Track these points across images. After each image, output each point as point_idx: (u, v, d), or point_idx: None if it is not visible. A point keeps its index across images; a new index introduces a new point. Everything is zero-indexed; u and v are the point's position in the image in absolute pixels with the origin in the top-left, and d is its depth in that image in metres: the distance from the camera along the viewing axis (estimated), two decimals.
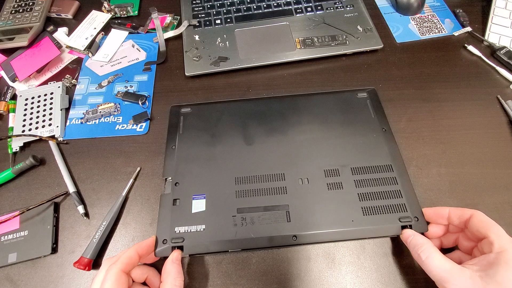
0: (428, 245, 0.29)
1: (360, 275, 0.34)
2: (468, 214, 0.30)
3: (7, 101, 0.48)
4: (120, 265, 0.29)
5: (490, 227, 0.28)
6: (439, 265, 0.28)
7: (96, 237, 0.35)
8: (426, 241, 0.30)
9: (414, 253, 0.30)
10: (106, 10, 0.57)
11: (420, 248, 0.29)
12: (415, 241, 0.30)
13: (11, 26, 0.53)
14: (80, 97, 0.48)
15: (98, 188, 0.40)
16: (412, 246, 0.31)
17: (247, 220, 0.35)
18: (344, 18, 0.53)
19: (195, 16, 0.55)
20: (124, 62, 0.52)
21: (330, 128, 0.41)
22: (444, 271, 0.27)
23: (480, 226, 0.29)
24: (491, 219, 0.29)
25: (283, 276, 0.34)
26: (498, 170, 0.39)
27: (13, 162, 0.43)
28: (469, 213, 0.30)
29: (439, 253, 0.29)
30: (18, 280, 0.35)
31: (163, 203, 0.36)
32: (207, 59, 0.49)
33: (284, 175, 0.38)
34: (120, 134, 0.44)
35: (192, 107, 0.44)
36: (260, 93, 0.47)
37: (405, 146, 0.41)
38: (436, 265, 0.28)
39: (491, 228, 0.28)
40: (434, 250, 0.29)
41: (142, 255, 0.32)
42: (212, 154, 0.40)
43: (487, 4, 0.54)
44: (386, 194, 0.36)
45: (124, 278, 0.29)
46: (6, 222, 0.37)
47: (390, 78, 0.48)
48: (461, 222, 0.31)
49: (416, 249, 0.30)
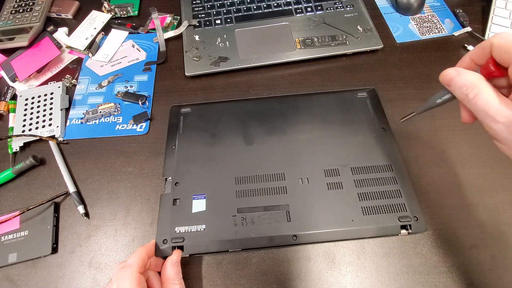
0: (479, 82, 0.24)
1: (360, 275, 0.34)
2: (488, 47, 0.24)
3: (7, 101, 0.48)
4: (136, 267, 0.29)
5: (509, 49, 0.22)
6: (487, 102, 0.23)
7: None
8: (477, 79, 0.24)
9: (461, 94, 0.25)
10: (106, 10, 0.57)
11: (470, 87, 0.24)
12: (463, 80, 0.25)
13: (11, 26, 0.53)
14: (80, 97, 0.48)
15: (98, 188, 0.40)
16: (458, 87, 0.25)
17: (247, 220, 0.35)
18: (344, 18, 0.53)
19: (195, 16, 0.55)
20: (124, 62, 0.52)
21: (330, 128, 0.41)
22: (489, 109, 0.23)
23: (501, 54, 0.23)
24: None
25: (283, 276, 0.34)
26: (498, 170, 0.39)
27: (13, 162, 0.43)
28: (488, 44, 0.24)
29: (490, 90, 0.23)
30: (18, 280, 0.35)
31: (163, 203, 0.36)
32: (207, 59, 0.49)
33: (284, 175, 0.38)
34: (120, 134, 0.44)
35: (192, 107, 0.44)
36: (260, 93, 0.47)
37: (405, 146, 0.41)
38: (484, 102, 0.23)
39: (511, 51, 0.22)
40: (484, 86, 0.23)
41: (150, 257, 0.32)
42: (212, 154, 0.40)
43: (487, 4, 0.54)
44: (386, 194, 0.36)
45: (143, 279, 0.29)
46: (6, 222, 0.37)
47: (390, 78, 0.48)
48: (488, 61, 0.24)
49: (463, 89, 0.24)
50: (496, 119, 0.23)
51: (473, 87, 0.24)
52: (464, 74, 0.25)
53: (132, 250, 0.36)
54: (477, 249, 0.35)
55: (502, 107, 0.22)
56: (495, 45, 0.23)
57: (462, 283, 0.33)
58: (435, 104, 0.30)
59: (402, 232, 0.34)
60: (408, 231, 0.34)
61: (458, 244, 0.35)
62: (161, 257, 0.34)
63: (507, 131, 0.22)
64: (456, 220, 0.36)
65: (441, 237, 0.35)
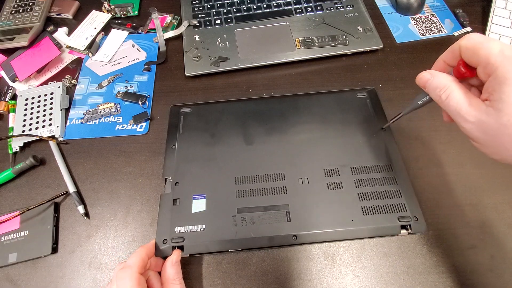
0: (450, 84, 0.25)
1: (360, 275, 0.34)
2: (457, 49, 0.25)
3: (7, 101, 0.48)
4: (136, 268, 0.29)
5: (478, 50, 0.23)
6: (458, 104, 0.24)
7: None
8: (448, 81, 0.26)
9: (435, 96, 0.26)
10: (106, 10, 0.57)
11: (442, 89, 0.25)
12: (436, 83, 0.26)
13: (11, 26, 0.53)
14: (80, 97, 0.48)
15: (98, 188, 0.40)
16: (432, 89, 0.27)
17: (247, 220, 0.35)
18: (344, 18, 0.53)
19: (195, 16, 0.55)
20: (124, 62, 0.52)
21: (330, 128, 0.41)
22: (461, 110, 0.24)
23: (468, 55, 0.24)
24: (480, 38, 0.24)
25: (283, 276, 0.34)
26: (498, 170, 0.39)
27: (13, 162, 0.43)
28: (457, 47, 0.25)
29: (460, 92, 0.25)
30: (18, 280, 0.35)
31: (163, 203, 0.36)
32: (207, 59, 0.49)
33: (284, 175, 0.38)
34: (120, 134, 0.44)
35: (192, 107, 0.44)
36: (260, 93, 0.47)
37: (405, 146, 0.41)
38: (455, 103, 0.24)
39: (478, 52, 0.23)
40: (455, 88, 0.25)
41: (150, 257, 0.32)
42: (212, 154, 0.40)
43: (487, 4, 0.54)
44: (386, 194, 0.36)
45: (143, 279, 0.29)
46: (6, 222, 0.37)
47: (390, 78, 0.48)
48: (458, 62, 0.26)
49: (437, 91, 0.26)
50: (467, 119, 0.24)
51: (445, 89, 0.25)
52: (437, 77, 0.26)
53: (132, 250, 0.37)
54: (477, 249, 0.35)
55: (472, 107, 0.23)
56: (462, 48, 0.25)
57: (461, 283, 0.33)
58: (418, 105, 0.31)
59: (402, 232, 0.34)
60: (408, 231, 0.34)
61: (457, 244, 0.35)
62: (161, 257, 0.34)
63: (478, 130, 0.23)
64: (456, 220, 0.36)
65: (441, 237, 0.35)
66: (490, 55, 0.22)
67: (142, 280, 0.29)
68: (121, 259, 0.36)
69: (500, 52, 0.22)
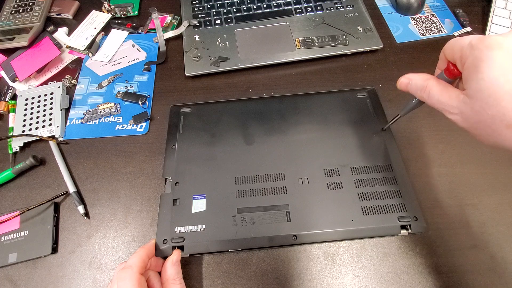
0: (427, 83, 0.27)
1: (360, 275, 0.34)
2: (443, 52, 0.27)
3: (7, 101, 0.48)
4: (136, 268, 0.29)
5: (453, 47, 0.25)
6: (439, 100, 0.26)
7: None
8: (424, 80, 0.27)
9: (419, 97, 0.28)
10: (106, 10, 0.57)
11: (422, 90, 0.27)
12: (414, 85, 0.28)
13: (11, 26, 0.53)
14: (80, 97, 0.48)
15: (98, 188, 0.40)
16: (414, 91, 0.29)
17: (247, 220, 0.35)
18: (344, 18, 0.53)
19: (195, 16, 0.55)
20: (124, 62, 0.52)
21: (330, 128, 0.41)
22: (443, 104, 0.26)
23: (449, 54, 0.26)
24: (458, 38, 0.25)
25: (283, 276, 0.34)
26: (498, 170, 0.39)
27: (13, 162, 0.43)
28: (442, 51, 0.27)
29: (438, 88, 0.26)
30: (18, 280, 0.35)
31: (163, 203, 0.36)
32: (207, 59, 0.49)
33: (284, 175, 0.38)
34: (120, 134, 0.44)
35: (192, 107, 0.44)
36: (260, 93, 0.47)
37: (405, 146, 0.41)
38: (437, 100, 0.26)
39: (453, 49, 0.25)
40: (433, 85, 0.26)
41: (150, 257, 0.32)
42: (212, 154, 0.40)
43: (487, 4, 0.54)
44: (386, 194, 0.36)
45: (143, 279, 0.29)
46: (6, 222, 0.37)
47: (390, 78, 0.48)
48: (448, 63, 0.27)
49: (418, 93, 0.28)
50: (451, 111, 0.25)
51: (424, 89, 0.27)
52: (414, 80, 0.28)
53: (132, 250, 0.37)
54: (477, 249, 0.35)
55: (452, 100, 0.25)
56: (445, 49, 0.27)
57: (462, 283, 0.33)
58: (413, 103, 0.32)
59: (402, 232, 0.34)
60: (408, 231, 0.34)
61: (458, 244, 0.35)
62: (161, 257, 0.34)
63: (463, 120, 0.25)
64: (456, 220, 0.36)
65: (441, 237, 0.35)
66: (462, 49, 0.24)
67: (142, 280, 0.29)
68: (121, 259, 0.36)
69: (469, 44, 0.23)
